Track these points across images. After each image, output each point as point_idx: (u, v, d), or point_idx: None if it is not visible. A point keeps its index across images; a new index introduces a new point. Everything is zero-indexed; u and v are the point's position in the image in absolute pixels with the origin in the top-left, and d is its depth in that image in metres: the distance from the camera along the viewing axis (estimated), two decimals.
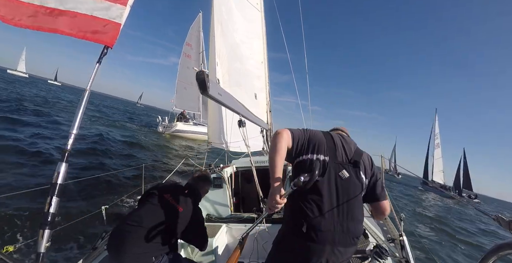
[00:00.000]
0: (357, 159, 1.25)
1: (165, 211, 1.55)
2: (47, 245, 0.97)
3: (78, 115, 1.09)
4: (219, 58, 3.17)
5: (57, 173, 1.02)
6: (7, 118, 9.77)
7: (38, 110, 13.89)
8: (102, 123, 16.29)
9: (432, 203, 18.15)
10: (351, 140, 1.40)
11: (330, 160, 1.21)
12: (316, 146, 1.24)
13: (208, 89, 1.42)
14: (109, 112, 28.57)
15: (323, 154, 1.22)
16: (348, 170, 1.20)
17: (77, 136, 1.09)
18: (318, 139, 1.28)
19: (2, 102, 13.23)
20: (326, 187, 1.15)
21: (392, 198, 2.50)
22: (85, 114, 1.17)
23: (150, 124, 23.83)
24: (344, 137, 1.39)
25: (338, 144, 1.28)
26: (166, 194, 1.65)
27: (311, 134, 1.31)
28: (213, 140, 4.84)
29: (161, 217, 1.51)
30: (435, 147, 30.62)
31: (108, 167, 7.37)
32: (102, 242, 1.82)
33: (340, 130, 1.56)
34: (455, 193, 27.36)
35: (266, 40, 4.50)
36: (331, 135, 1.34)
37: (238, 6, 3.91)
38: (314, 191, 1.14)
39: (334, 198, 1.14)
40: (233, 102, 2.12)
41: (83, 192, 5.14)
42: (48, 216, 0.98)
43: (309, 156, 1.23)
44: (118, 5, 1.24)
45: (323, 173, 1.17)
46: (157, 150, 12.42)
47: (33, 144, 7.53)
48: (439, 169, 30.25)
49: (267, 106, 4.53)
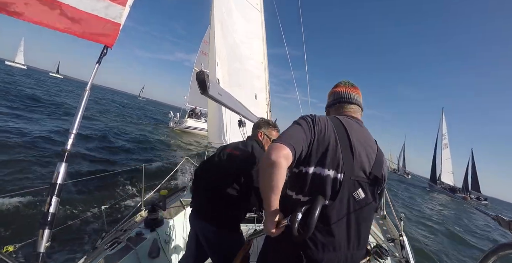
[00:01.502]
0: (377, 175, 0.93)
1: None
2: (47, 245, 0.97)
3: (78, 115, 1.09)
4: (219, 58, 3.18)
5: (57, 172, 1.02)
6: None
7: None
8: (112, 119, 16.59)
9: (438, 203, 18.00)
10: (368, 132, 1.04)
11: (345, 176, 0.87)
12: (327, 155, 0.88)
13: (208, 89, 1.43)
14: (119, 106, 28.86)
15: (336, 168, 0.88)
16: (364, 189, 0.90)
17: (77, 135, 1.09)
18: (329, 142, 0.90)
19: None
20: (335, 214, 0.86)
21: (398, 198, 2.44)
22: (93, 109, 1.16)
23: (161, 120, 24.38)
24: (363, 129, 1.03)
25: (356, 148, 0.92)
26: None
27: (319, 134, 0.91)
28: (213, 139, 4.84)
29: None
30: (443, 147, 29.82)
31: (117, 163, 7.47)
32: (102, 242, 1.82)
33: (352, 110, 1.09)
34: (465, 194, 26.62)
35: (266, 40, 4.50)
36: (347, 131, 0.95)
37: (238, 6, 3.92)
38: (320, 217, 0.84)
39: (344, 227, 0.88)
40: (233, 102, 2.12)
41: (83, 192, 5.14)
42: (48, 216, 0.98)
43: (314, 169, 0.89)
44: (117, 5, 1.24)
45: (333, 196, 0.87)
46: (164, 145, 12.59)
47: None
48: (449, 170, 29.45)
49: (267, 107, 4.53)
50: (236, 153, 1.61)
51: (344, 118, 1.03)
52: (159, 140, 13.39)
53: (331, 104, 1.17)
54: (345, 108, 1.10)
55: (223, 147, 1.77)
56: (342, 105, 1.11)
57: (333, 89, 1.19)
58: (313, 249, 0.86)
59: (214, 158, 1.69)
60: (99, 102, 28.16)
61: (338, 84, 1.19)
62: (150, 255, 1.82)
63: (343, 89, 1.14)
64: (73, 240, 3.64)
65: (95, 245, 1.80)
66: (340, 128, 0.95)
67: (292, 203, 0.92)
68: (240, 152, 1.60)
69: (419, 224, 9.29)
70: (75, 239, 3.68)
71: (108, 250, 1.65)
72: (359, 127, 1.02)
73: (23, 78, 30.58)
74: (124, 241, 1.74)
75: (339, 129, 0.95)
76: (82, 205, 4.64)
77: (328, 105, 1.20)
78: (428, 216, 11.49)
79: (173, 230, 2.21)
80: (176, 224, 2.32)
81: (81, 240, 3.70)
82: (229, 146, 1.74)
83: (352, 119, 1.04)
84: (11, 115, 9.88)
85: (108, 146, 9.29)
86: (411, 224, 8.60)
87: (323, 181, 0.88)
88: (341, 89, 1.14)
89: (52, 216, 0.99)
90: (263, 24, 4.47)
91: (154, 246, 1.88)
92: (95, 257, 1.73)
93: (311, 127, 0.92)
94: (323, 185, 0.88)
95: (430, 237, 7.84)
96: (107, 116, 17.11)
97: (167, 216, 2.25)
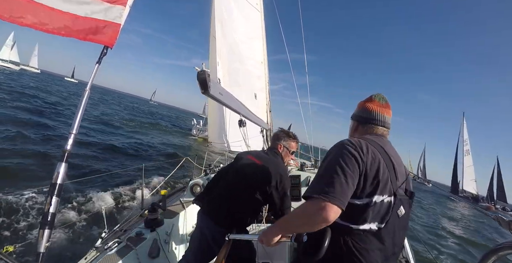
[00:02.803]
0: (411, 190, 0.98)
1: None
2: (47, 245, 0.97)
3: (78, 115, 1.10)
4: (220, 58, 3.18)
5: (57, 173, 1.02)
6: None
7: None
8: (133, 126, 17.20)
9: (460, 213, 17.12)
10: (395, 150, 1.06)
11: (395, 198, 0.89)
12: (381, 183, 0.86)
13: (209, 89, 1.42)
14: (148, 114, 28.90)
15: (389, 193, 0.87)
16: (405, 206, 0.92)
17: (77, 136, 1.10)
18: (378, 170, 0.87)
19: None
20: (388, 232, 0.88)
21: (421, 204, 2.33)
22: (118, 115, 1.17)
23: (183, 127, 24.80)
24: (393, 148, 1.04)
25: (397, 169, 0.93)
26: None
27: (367, 166, 0.86)
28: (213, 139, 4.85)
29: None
30: (465, 153, 28.27)
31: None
32: (102, 241, 1.82)
33: (384, 128, 1.07)
34: (490, 204, 25.23)
35: (266, 40, 4.51)
36: (387, 154, 0.94)
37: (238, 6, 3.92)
38: (377, 237, 0.86)
39: (391, 245, 0.90)
40: (234, 102, 2.12)
41: (83, 191, 5.15)
42: (48, 216, 0.98)
43: (365, 200, 0.86)
44: (117, 6, 1.25)
45: (385, 219, 0.87)
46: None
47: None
48: (471, 177, 27.89)
49: (267, 107, 4.53)
50: (259, 163, 1.61)
51: (380, 139, 1.02)
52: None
53: (361, 121, 1.12)
54: (376, 130, 1.08)
55: (245, 153, 1.77)
56: (373, 127, 1.08)
57: (366, 104, 1.12)
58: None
59: (236, 165, 1.67)
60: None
61: (372, 100, 1.12)
62: (150, 255, 1.82)
63: (377, 109, 1.09)
64: (73, 240, 3.64)
65: (95, 245, 1.79)
66: (383, 153, 0.93)
67: (334, 228, 0.87)
68: (263, 162, 1.60)
69: (431, 234, 8.82)
70: (75, 239, 3.68)
71: (108, 250, 1.65)
72: (391, 147, 1.03)
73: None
74: (124, 241, 1.74)
75: (383, 153, 0.93)
76: (82, 205, 4.65)
77: (357, 120, 1.14)
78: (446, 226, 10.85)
79: (173, 230, 2.21)
80: (176, 224, 2.32)
81: (81, 240, 3.70)
82: (250, 154, 1.74)
83: (384, 139, 1.05)
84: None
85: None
86: (421, 231, 8.44)
87: (374, 207, 0.86)
88: (374, 109, 1.09)
89: (52, 216, 0.99)
90: (263, 24, 4.47)
91: (154, 246, 1.88)
92: (95, 257, 1.73)
93: (360, 162, 0.86)
94: (374, 211, 0.87)
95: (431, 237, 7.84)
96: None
97: (167, 216, 2.25)
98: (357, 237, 0.86)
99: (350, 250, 0.85)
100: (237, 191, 1.53)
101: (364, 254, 0.84)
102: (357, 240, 0.85)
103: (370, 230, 0.86)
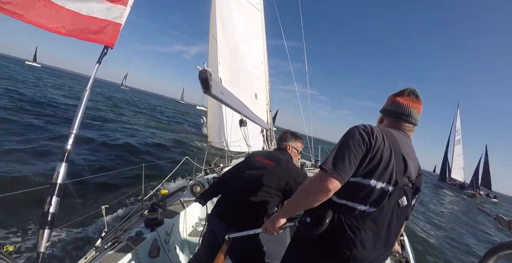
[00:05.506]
0: (418, 185, 1.02)
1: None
2: (47, 245, 0.97)
3: (78, 115, 1.09)
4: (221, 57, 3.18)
5: (57, 172, 1.02)
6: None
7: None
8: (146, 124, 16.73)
9: (447, 201, 17.66)
10: (413, 147, 1.07)
11: (396, 187, 0.92)
12: (380, 168, 0.90)
13: (211, 88, 1.42)
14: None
15: (389, 180, 0.91)
16: (407, 197, 0.97)
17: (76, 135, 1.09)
18: (383, 156, 0.90)
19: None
20: (383, 217, 0.93)
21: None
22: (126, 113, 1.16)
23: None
24: (411, 144, 1.05)
25: (407, 161, 0.96)
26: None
27: (374, 149, 0.90)
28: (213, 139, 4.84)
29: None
30: (456, 143, 29.30)
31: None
32: (102, 241, 1.82)
33: (408, 128, 1.08)
34: (474, 191, 26.05)
35: (266, 40, 4.51)
36: (399, 145, 0.96)
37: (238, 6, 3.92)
38: (370, 218, 0.91)
39: (385, 230, 0.94)
40: (235, 102, 2.12)
41: (83, 191, 5.14)
42: (48, 216, 0.98)
43: (363, 180, 0.91)
44: (119, 5, 1.24)
45: (380, 203, 0.92)
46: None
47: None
48: (459, 166, 29.10)
49: (267, 106, 4.53)
50: (272, 164, 1.62)
51: (399, 134, 1.03)
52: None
53: (388, 115, 1.12)
54: (402, 125, 1.08)
55: (254, 155, 1.77)
56: (400, 122, 1.08)
57: (396, 98, 1.10)
58: (358, 248, 0.91)
59: (248, 168, 1.67)
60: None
61: (402, 93, 1.10)
62: (150, 255, 1.82)
63: (407, 103, 1.07)
64: (73, 240, 3.64)
65: (95, 244, 1.79)
66: (395, 143, 0.96)
67: (331, 204, 0.95)
68: (275, 163, 1.62)
69: (424, 222, 9.28)
70: (75, 239, 3.68)
71: (108, 250, 1.65)
72: (408, 142, 1.05)
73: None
74: (124, 241, 1.74)
75: (395, 145, 0.95)
76: (82, 205, 4.64)
77: (386, 113, 1.14)
78: (434, 214, 11.42)
79: (173, 229, 2.21)
80: (176, 224, 2.31)
81: (81, 240, 3.70)
82: (261, 155, 1.74)
83: (404, 135, 1.05)
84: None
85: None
86: (416, 221, 8.58)
87: (370, 190, 0.91)
88: (404, 103, 1.07)
89: (52, 216, 0.99)
90: (263, 23, 4.47)
91: (154, 246, 1.88)
92: (95, 256, 1.73)
93: (366, 143, 0.91)
94: (369, 194, 0.91)
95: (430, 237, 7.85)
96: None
97: (167, 216, 2.25)
98: (351, 215, 0.92)
99: (342, 226, 0.91)
100: (251, 194, 1.52)
101: (356, 231, 0.90)
102: (350, 218, 0.92)
103: (364, 211, 0.92)
